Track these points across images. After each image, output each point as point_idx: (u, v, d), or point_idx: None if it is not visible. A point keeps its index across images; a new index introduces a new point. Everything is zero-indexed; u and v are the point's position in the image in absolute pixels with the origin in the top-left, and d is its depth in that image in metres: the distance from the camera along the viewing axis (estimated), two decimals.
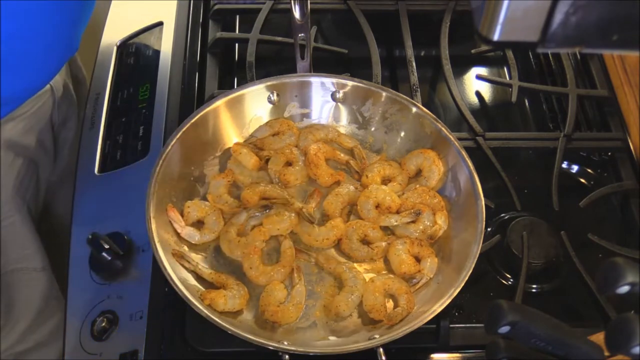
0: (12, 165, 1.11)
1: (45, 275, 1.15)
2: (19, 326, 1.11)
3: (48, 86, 1.15)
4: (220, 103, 1.02)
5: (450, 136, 1.00)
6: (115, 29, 1.25)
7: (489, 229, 1.02)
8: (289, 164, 1.04)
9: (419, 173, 1.03)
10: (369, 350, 0.84)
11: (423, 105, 1.05)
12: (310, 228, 0.97)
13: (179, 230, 0.95)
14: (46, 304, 1.14)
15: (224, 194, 0.99)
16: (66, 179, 1.25)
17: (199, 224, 0.97)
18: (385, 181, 1.03)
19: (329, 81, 1.07)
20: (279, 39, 1.21)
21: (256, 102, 1.06)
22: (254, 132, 1.06)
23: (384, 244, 0.96)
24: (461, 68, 1.28)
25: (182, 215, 0.96)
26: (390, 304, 0.92)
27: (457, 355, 0.92)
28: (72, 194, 1.03)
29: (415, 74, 1.16)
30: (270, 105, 1.07)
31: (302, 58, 1.08)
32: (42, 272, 1.14)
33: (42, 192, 1.23)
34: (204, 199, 0.99)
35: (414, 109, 1.04)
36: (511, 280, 1.00)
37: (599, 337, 0.68)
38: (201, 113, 1.00)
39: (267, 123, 1.07)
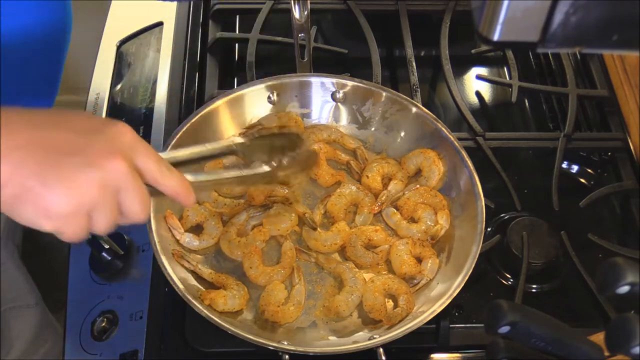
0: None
1: (39, 309, 1.18)
2: (14, 353, 1.14)
3: None
4: (220, 103, 1.02)
5: (450, 136, 1.00)
6: (115, 29, 1.25)
7: (489, 229, 1.02)
8: None
9: (418, 173, 1.03)
10: (369, 350, 0.84)
11: (423, 105, 1.05)
12: (317, 233, 0.97)
13: (177, 237, 0.94)
14: (39, 334, 1.17)
15: (218, 197, 0.99)
16: None
17: (198, 227, 0.97)
18: (386, 180, 1.03)
19: (329, 81, 1.07)
20: (279, 39, 1.21)
21: (256, 102, 1.06)
22: (261, 119, 1.06)
23: (387, 246, 0.96)
24: (461, 68, 1.28)
25: (181, 218, 0.96)
26: (390, 304, 0.92)
27: (457, 355, 0.92)
28: None
29: (415, 74, 1.16)
30: (270, 105, 1.07)
31: (302, 58, 1.08)
32: (35, 307, 1.17)
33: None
34: None
35: (414, 109, 1.04)
36: (511, 280, 1.00)
37: (599, 337, 0.68)
38: (201, 113, 1.00)
39: (276, 114, 1.06)
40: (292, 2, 1.01)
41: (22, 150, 0.60)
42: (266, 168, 0.88)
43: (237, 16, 1.32)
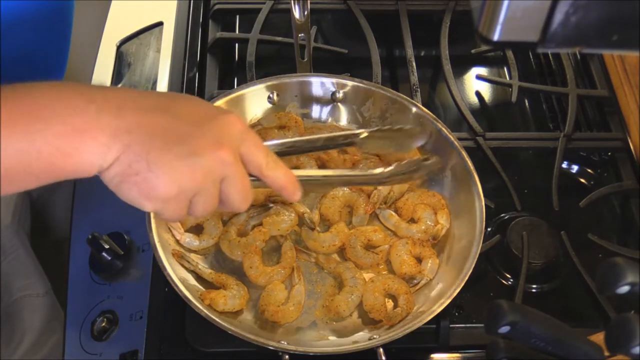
0: (10, 200, 1.13)
1: (49, 298, 1.18)
2: (23, 347, 1.14)
3: None
4: (220, 103, 1.02)
5: (450, 136, 1.00)
6: (115, 29, 1.25)
7: (489, 229, 1.02)
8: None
9: None
10: (369, 350, 0.84)
11: (423, 105, 1.05)
12: (315, 234, 0.96)
13: (177, 237, 0.94)
14: (48, 325, 1.17)
15: None
16: (56, 186, 1.28)
17: (198, 227, 0.97)
18: None
19: (329, 81, 1.07)
20: (279, 39, 1.21)
21: (256, 102, 1.06)
22: (261, 119, 1.05)
23: (387, 246, 0.96)
24: (461, 68, 1.28)
25: None
26: (390, 304, 0.92)
27: (457, 355, 0.92)
28: (68, 195, 1.03)
29: (415, 74, 1.16)
30: (270, 105, 1.07)
31: (302, 58, 1.08)
32: (45, 297, 1.18)
33: (33, 207, 1.25)
34: None
35: (414, 109, 1.04)
36: (511, 280, 1.00)
37: (599, 337, 0.68)
38: None
39: (276, 114, 1.06)
40: (292, 2, 1.01)
41: (132, 133, 0.62)
42: (379, 170, 0.86)
43: (237, 16, 1.32)
